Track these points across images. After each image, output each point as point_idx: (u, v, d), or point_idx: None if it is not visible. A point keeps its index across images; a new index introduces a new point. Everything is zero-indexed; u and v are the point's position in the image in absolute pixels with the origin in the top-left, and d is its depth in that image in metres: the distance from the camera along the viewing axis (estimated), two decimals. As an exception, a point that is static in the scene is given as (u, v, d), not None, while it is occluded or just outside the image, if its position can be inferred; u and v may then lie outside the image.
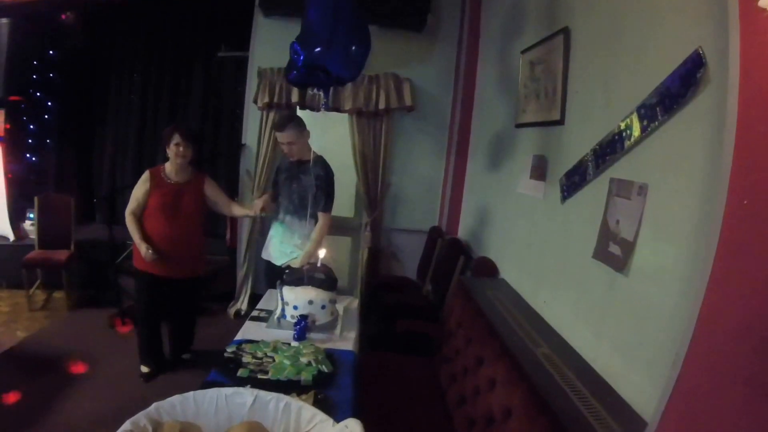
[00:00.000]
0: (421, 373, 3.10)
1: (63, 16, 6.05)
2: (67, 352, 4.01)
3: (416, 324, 3.86)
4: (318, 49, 2.61)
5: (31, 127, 5.73)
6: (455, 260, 4.14)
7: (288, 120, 3.34)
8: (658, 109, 1.83)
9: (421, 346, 3.50)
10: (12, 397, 3.27)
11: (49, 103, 6.21)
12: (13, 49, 5.50)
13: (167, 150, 3.50)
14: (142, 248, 3.34)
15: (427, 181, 5.37)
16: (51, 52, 6.13)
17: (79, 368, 3.76)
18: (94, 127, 6.81)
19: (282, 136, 3.33)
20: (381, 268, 5.41)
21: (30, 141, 4.54)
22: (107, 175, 6.78)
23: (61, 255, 4.88)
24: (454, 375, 2.76)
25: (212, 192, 3.70)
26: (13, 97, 5.67)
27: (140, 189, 3.50)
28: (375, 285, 4.98)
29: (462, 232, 4.72)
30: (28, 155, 5.82)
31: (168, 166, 3.57)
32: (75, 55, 6.37)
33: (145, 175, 3.55)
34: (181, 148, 3.46)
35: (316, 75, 2.71)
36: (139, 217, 3.49)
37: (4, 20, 5.46)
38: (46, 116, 6.23)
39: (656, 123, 1.84)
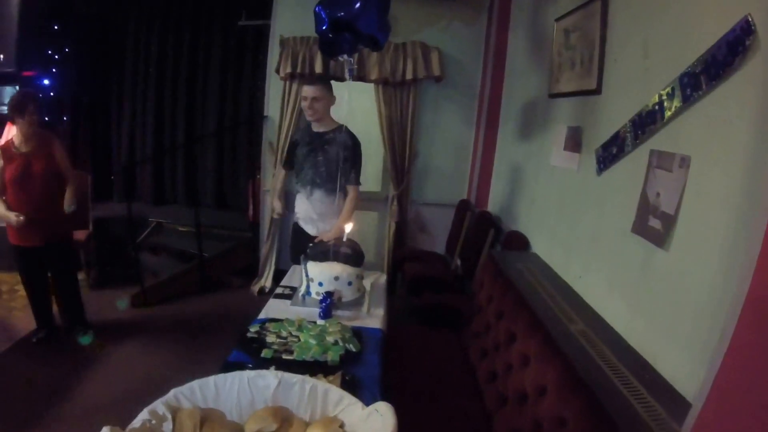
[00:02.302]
0: (449, 347, 3.05)
1: None
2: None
3: (443, 297, 3.82)
4: (357, 4, 2.53)
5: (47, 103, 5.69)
6: (485, 234, 4.07)
7: (321, 79, 3.30)
8: (702, 77, 1.72)
9: (449, 319, 3.45)
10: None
11: (64, 78, 6.20)
12: (24, 23, 5.42)
13: (19, 120, 3.46)
14: (11, 218, 3.42)
15: (456, 153, 5.26)
16: (64, 25, 6.06)
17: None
18: (110, 101, 6.78)
19: (310, 90, 3.25)
20: (408, 242, 5.35)
21: (46, 119, 4.49)
22: (126, 149, 6.78)
23: (80, 235, 4.79)
24: (484, 350, 2.70)
25: (60, 155, 3.69)
26: (26, 72, 5.62)
27: None
28: (401, 258, 4.92)
29: (492, 206, 4.62)
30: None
31: (17, 138, 3.56)
32: (89, 27, 6.29)
33: None
34: (35, 117, 3.49)
35: (344, 37, 2.63)
36: (2, 192, 3.56)
37: None
38: (62, 92, 6.22)
39: (700, 92, 1.74)
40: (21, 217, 3.41)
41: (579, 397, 1.62)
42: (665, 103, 1.94)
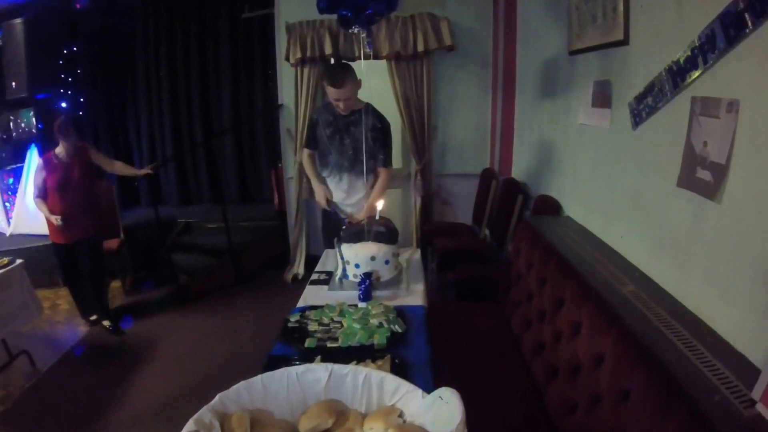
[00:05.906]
0: (488, 320, 3.00)
1: (77, 5, 5.95)
2: (129, 339, 4.18)
3: (478, 269, 3.76)
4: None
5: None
6: (513, 201, 3.99)
7: (346, 74, 3.04)
8: (746, 15, 1.59)
9: (486, 291, 3.38)
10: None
11: (81, 99, 6.30)
12: (32, 49, 5.49)
13: (58, 137, 4.06)
14: (54, 219, 3.97)
15: (475, 122, 5.17)
16: (74, 47, 6.14)
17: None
18: (127, 110, 6.87)
19: (339, 93, 3.03)
20: (434, 216, 5.31)
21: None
22: (148, 153, 6.84)
23: (112, 243, 4.87)
24: (528, 320, 2.63)
25: (96, 157, 4.35)
26: (41, 95, 5.67)
27: (39, 177, 4.07)
28: (429, 232, 4.86)
29: (516, 172, 4.52)
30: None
31: (59, 149, 4.11)
32: (97, 41, 6.33)
33: (39, 164, 4.13)
34: (70, 133, 4.05)
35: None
36: (44, 198, 4.08)
37: (18, 20, 5.41)
38: (80, 112, 6.35)
39: (746, 31, 1.60)
40: (60, 220, 3.94)
41: (643, 366, 1.52)
42: (705, 47, 1.82)
